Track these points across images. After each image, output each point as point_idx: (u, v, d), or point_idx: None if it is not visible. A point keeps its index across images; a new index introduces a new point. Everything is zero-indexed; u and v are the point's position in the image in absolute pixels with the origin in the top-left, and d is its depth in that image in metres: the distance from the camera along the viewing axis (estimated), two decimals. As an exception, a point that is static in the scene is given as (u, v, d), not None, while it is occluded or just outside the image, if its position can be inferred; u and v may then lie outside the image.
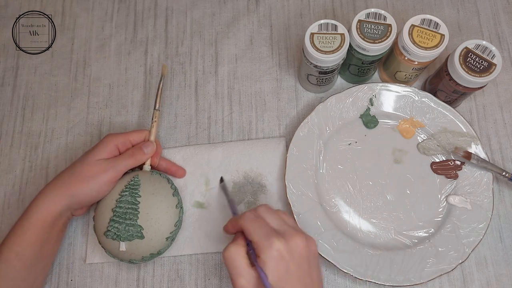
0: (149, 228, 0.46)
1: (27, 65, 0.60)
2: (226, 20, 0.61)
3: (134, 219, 0.46)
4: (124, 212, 0.46)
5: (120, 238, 0.46)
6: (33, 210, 0.45)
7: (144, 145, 0.49)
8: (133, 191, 0.47)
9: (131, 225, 0.46)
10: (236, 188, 0.53)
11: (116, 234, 0.46)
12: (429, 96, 0.52)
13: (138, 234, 0.46)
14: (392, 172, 0.52)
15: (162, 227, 0.47)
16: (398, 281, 0.47)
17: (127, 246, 0.46)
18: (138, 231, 0.46)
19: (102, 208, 0.47)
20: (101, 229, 0.47)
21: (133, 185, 0.47)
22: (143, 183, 0.47)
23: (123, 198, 0.46)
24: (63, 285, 0.51)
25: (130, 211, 0.46)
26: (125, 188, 0.47)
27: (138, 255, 0.47)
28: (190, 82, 0.58)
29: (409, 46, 0.47)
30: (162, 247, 0.48)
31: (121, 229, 0.45)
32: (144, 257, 0.47)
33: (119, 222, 0.46)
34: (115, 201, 0.46)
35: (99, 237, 0.47)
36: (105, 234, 0.46)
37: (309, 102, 0.57)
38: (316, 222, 0.50)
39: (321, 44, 0.47)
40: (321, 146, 0.53)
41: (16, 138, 0.57)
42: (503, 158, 0.54)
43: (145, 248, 0.46)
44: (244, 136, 0.56)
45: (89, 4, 0.62)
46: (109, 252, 0.47)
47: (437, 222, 0.50)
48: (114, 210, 0.46)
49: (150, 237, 0.46)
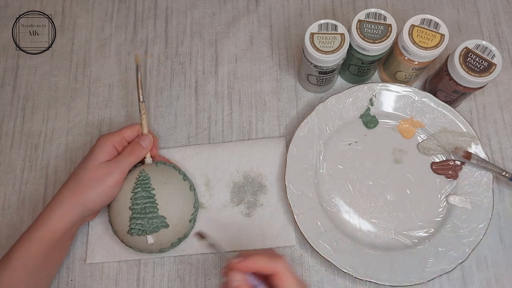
0: (171, 215, 0.47)
1: (27, 65, 0.60)
2: (226, 20, 0.61)
3: (155, 211, 0.47)
4: (143, 207, 0.47)
5: (146, 232, 0.47)
6: (44, 221, 0.44)
7: (140, 139, 0.49)
8: (145, 185, 0.47)
9: (154, 218, 0.46)
10: (236, 188, 0.53)
11: (141, 230, 0.47)
12: (429, 96, 0.52)
13: (163, 224, 0.47)
14: (392, 172, 0.52)
15: (183, 211, 0.48)
16: (398, 281, 0.47)
17: (155, 237, 0.47)
18: (162, 221, 0.47)
19: (118, 209, 0.48)
20: (122, 229, 0.47)
21: (143, 180, 0.48)
22: (151, 175, 0.48)
23: (137, 194, 0.47)
24: (63, 285, 0.51)
25: (148, 205, 0.47)
26: (136, 185, 0.47)
27: (167, 243, 0.48)
28: (190, 82, 0.58)
29: (409, 46, 0.47)
30: (187, 230, 0.49)
31: (145, 224, 0.46)
32: (172, 243, 0.49)
33: (141, 218, 0.46)
34: (130, 200, 0.47)
35: (122, 236, 0.48)
36: (129, 233, 0.47)
37: (309, 102, 0.57)
38: (316, 222, 0.50)
39: (321, 44, 0.47)
40: (321, 146, 0.53)
41: (16, 138, 0.57)
42: (503, 158, 0.54)
43: (172, 235, 0.48)
44: (244, 136, 0.56)
45: (89, 4, 0.62)
46: (136, 248, 0.48)
47: (437, 222, 0.50)
48: (132, 208, 0.47)
49: (175, 224, 0.47)
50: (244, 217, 0.52)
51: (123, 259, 0.51)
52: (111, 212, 0.48)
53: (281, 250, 0.51)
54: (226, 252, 0.40)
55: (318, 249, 0.48)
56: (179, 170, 0.51)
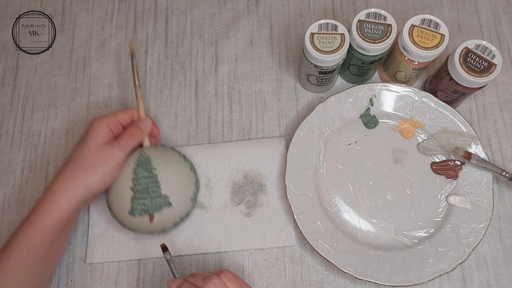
0: (174, 194, 0.48)
1: (27, 65, 0.60)
2: (226, 20, 0.61)
3: (158, 190, 0.47)
4: (145, 187, 0.47)
5: (149, 211, 0.47)
6: (46, 208, 0.44)
7: (140, 123, 0.49)
8: (146, 166, 0.47)
9: (157, 197, 0.47)
10: (236, 188, 0.53)
11: (143, 210, 0.47)
12: (429, 96, 0.52)
13: (166, 202, 0.47)
14: (392, 172, 0.52)
15: (186, 190, 0.49)
16: (398, 281, 0.47)
17: (158, 216, 0.47)
18: (165, 200, 0.47)
19: (119, 191, 0.47)
20: (123, 211, 0.47)
21: (143, 160, 0.48)
22: (152, 156, 0.48)
23: (139, 175, 0.47)
24: (63, 285, 0.51)
25: (151, 184, 0.47)
26: (137, 166, 0.47)
27: (170, 222, 0.48)
28: (190, 82, 0.58)
29: (409, 46, 0.47)
30: (189, 208, 0.50)
31: (147, 203, 0.47)
32: (175, 223, 0.49)
33: (144, 198, 0.47)
34: (131, 180, 0.47)
35: (124, 218, 0.48)
36: (130, 214, 0.47)
37: (309, 102, 0.57)
38: (316, 222, 0.50)
39: (321, 44, 0.47)
40: (321, 146, 0.53)
41: (16, 138, 0.57)
42: (503, 158, 0.54)
43: (175, 214, 0.48)
44: (244, 136, 0.56)
45: (89, 4, 0.62)
46: (138, 229, 0.48)
47: (437, 222, 0.50)
48: (133, 189, 0.47)
49: (178, 202, 0.48)
50: (244, 217, 0.52)
51: (123, 259, 0.51)
52: (110, 195, 0.48)
53: (281, 250, 0.51)
54: (176, 270, 0.44)
55: (318, 249, 0.48)
56: (178, 151, 0.51)
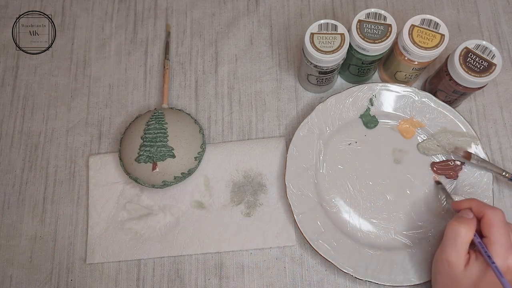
0: (179, 148, 0.50)
1: (27, 65, 0.60)
2: (226, 20, 0.61)
3: (165, 140, 0.49)
4: (154, 136, 0.50)
5: (153, 159, 0.49)
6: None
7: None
8: (159, 119, 0.51)
9: (162, 146, 0.49)
10: (236, 188, 0.53)
11: (148, 157, 0.49)
12: (429, 96, 0.52)
13: (170, 153, 0.49)
14: (392, 172, 0.52)
15: (191, 147, 0.51)
16: (398, 281, 0.47)
17: (160, 166, 0.49)
18: (169, 151, 0.49)
19: (130, 139, 0.51)
20: (130, 157, 0.50)
21: (157, 115, 0.51)
22: (166, 114, 0.52)
23: (151, 126, 0.50)
24: (63, 285, 0.51)
25: (160, 134, 0.50)
26: (150, 119, 0.51)
27: (171, 175, 0.50)
28: (190, 82, 0.58)
29: (409, 46, 0.47)
30: (192, 166, 0.51)
31: (153, 151, 0.49)
32: (176, 177, 0.50)
33: (150, 146, 0.49)
34: (143, 131, 0.50)
35: (129, 165, 0.50)
36: (136, 160, 0.49)
37: (309, 102, 0.57)
38: (316, 222, 0.50)
39: (321, 44, 0.47)
40: (321, 146, 0.53)
41: (16, 138, 0.57)
42: (503, 158, 0.54)
43: (177, 167, 0.50)
44: (244, 136, 0.56)
45: (89, 4, 0.62)
46: (140, 178, 0.50)
47: (437, 222, 0.50)
48: (143, 137, 0.50)
49: (181, 156, 0.50)
50: (244, 217, 0.52)
51: (123, 259, 0.51)
52: (123, 142, 0.51)
53: (281, 250, 0.51)
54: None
55: (318, 249, 0.48)
56: (190, 115, 0.54)
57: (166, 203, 0.52)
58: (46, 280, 0.51)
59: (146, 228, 0.52)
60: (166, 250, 0.51)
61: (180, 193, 0.53)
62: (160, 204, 0.52)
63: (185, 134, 0.51)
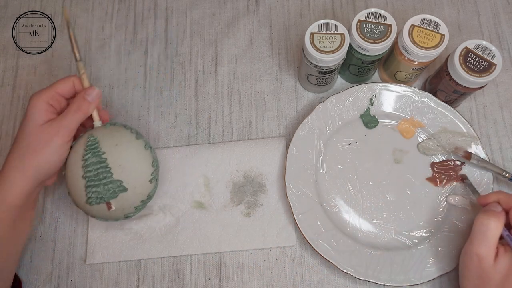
0: (128, 178, 0.45)
1: (27, 65, 0.60)
2: (226, 20, 0.61)
3: (109, 176, 0.44)
4: (96, 174, 0.44)
5: (104, 199, 0.44)
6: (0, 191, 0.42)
7: (86, 93, 0.45)
8: (93, 150, 0.44)
9: (109, 183, 0.44)
10: (236, 188, 0.53)
11: (98, 198, 0.44)
12: (429, 96, 0.52)
13: (120, 188, 0.44)
14: (392, 172, 0.52)
15: (141, 172, 0.46)
16: (398, 281, 0.47)
17: (115, 203, 0.45)
18: (118, 185, 0.44)
19: (72, 179, 0.45)
20: (81, 200, 0.45)
21: (91, 145, 0.45)
22: (100, 139, 0.45)
23: (88, 161, 0.44)
24: (63, 285, 0.51)
25: (101, 170, 0.44)
26: (85, 151, 0.45)
27: (130, 207, 0.46)
28: (190, 82, 0.58)
29: (409, 46, 0.47)
30: (149, 190, 0.47)
31: (101, 191, 0.44)
32: (136, 207, 0.46)
33: (96, 185, 0.44)
34: (82, 168, 0.44)
35: (83, 207, 0.46)
36: (87, 202, 0.45)
37: (309, 102, 0.57)
38: (316, 222, 0.50)
39: (321, 44, 0.47)
40: (321, 146, 0.53)
41: (16, 138, 0.57)
42: (503, 158, 0.54)
43: (133, 199, 0.46)
44: (244, 136, 0.56)
45: (89, 4, 0.62)
46: (100, 217, 0.46)
47: (437, 222, 0.50)
48: (85, 176, 0.44)
49: (134, 186, 0.45)
50: (244, 217, 0.52)
51: (123, 259, 0.51)
52: (67, 184, 0.46)
53: (281, 250, 0.51)
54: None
55: (318, 249, 0.48)
56: (130, 128, 0.47)
57: (166, 203, 0.52)
58: (46, 280, 0.51)
59: (146, 228, 0.52)
60: (166, 250, 0.51)
61: (180, 193, 0.53)
62: (160, 204, 0.52)
63: (129, 159, 0.45)
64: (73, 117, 0.44)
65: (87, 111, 0.45)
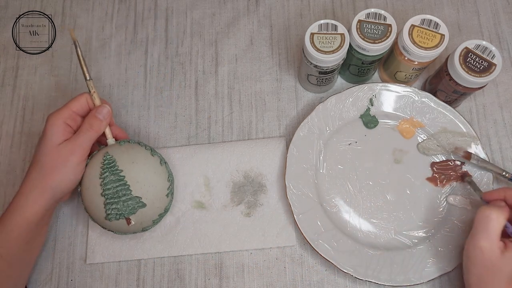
0: (146, 194, 0.46)
1: (27, 65, 0.60)
2: (226, 20, 0.61)
3: (128, 193, 0.46)
4: (115, 191, 0.45)
5: (124, 215, 0.46)
6: (16, 210, 0.44)
7: (97, 111, 0.46)
8: (111, 168, 0.46)
9: (128, 200, 0.46)
10: (236, 188, 0.53)
11: (118, 214, 0.46)
12: (429, 96, 0.53)
13: (139, 204, 0.46)
14: (392, 172, 0.52)
15: (158, 187, 0.47)
16: (398, 281, 0.47)
17: (134, 218, 0.46)
18: (138, 202, 0.46)
19: (90, 197, 0.46)
20: (100, 216, 0.47)
21: (108, 163, 0.46)
22: (117, 157, 0.46)
23: (106, 179, 0.46)
24: (63, 285, 0.51)
25: (120, 187, 0.45)
26: (102, 170, 0.46)
27: (148, 221, 0.48)
28: (190, 82, 0.58)
29: (409, 46, 0.47)
30: (166, 204, 0.49)
31: (120, 208, 0.46)
32: (154, 221, 0.48)
33: (116, 202, 0.45)
34: (100, 186, 0.46)
35: (102, 223, 0.47)
36: (107, 219, 0.46)
37: (309, 102, 0.57)
38: (316, 222, 0.50)
39: (321, 44, 0.47)
40: (321, 146, 0.53)
41: (16, 138, 0.57)
42: (503, 158, 0.54)
43: (151, 213, 0.47)
44: (244, 136, 0.56)
45: (89, 4, 0.62)
46: (118, 231, 0.48)
47: (437, 222, 0.50)
48: (104, 194, 0.46)
49: (152, 201, 0.47)
50: (244, 217, 0.52)
51: (123, 259, 0.51)
52: (84, 201, 0.47)
53: (281, 250, 0.51)
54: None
55: (318, 249, 0.48)
56: (145, 145, 0.49)
57: (166, 203, 0.53)
58: (46, 280, 0.51)
59: (146, 228, 0.52)
60: (166, 250, 0.51)
61: (180, 193, 0.53)
62: (160, 204, 0.52)
63: (147, 176, 0.47)
64: (86, 135, 0.45)
65: (99, 129, 0.46)
